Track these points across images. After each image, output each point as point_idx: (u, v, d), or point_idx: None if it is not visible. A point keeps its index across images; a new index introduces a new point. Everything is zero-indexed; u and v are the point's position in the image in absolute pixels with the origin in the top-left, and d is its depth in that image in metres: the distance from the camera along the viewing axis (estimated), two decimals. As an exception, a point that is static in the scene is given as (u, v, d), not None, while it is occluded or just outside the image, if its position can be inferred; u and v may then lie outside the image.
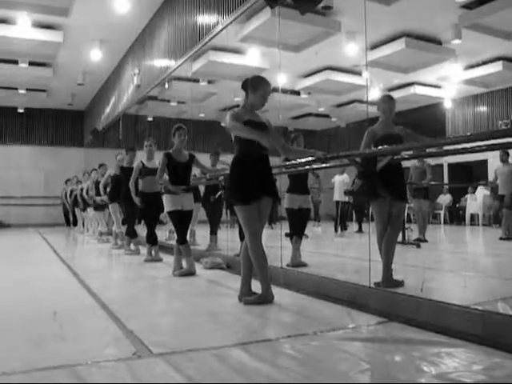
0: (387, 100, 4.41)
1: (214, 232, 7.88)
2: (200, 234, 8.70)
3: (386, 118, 4.38)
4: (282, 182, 6.03)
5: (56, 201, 17.19)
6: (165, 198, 5.77)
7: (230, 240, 7.22)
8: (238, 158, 3.98)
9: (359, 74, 11.32)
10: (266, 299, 3.96)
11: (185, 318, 3.69)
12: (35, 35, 10.34)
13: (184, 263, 5.74)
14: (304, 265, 5.69)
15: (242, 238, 6.54)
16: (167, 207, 5.72)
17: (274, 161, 4.27)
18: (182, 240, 5.72)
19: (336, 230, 11.34)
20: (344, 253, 8.27)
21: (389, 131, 4.29)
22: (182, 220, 5.72)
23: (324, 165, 5.06)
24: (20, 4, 9.08)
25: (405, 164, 8.23)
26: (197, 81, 11.35)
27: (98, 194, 10.30)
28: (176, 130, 5.75)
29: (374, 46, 9.93)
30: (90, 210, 11.38)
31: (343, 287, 4.21)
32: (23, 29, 10.05)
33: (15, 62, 12.31)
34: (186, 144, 5.83)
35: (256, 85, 4.00)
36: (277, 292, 4.11)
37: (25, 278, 5.74)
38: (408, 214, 10.39)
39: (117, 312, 3.69)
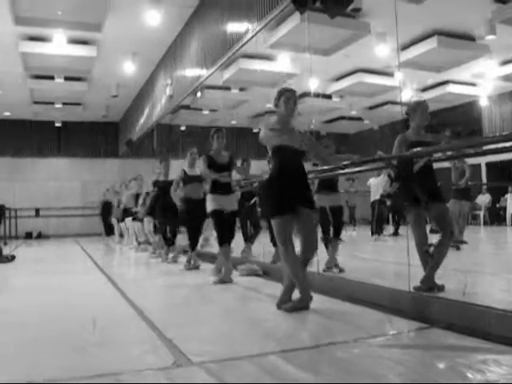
0: (421, 106, 4.34)
1: (248, 239, 7.88)
2: (235, 242, 8.70)
3: (418, 124, 4.31)
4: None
5: (94, 211, 17.49)
6: (208, 198, 5.79)
7: (265, 246, 7.20)
8: (274, 171, 4.02)
9: (391, 75, 11.19)
10: (303, 304, 3.94)
11: (223, 325, 3.70)
12: (70, 51, 10.61)
13: (222, 269, 5.75)
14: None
15: (275, 243, 6.54)
16: (209, 207, 5.73)
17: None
18: (221, 241, 5.67)
19: (373, 234, 11.19)
20: (381, 257, 8.17)
21: (420, 138, 4.23)
22: (224, 221, 5.69)
23: (358, 168, 5.01)
24: (55, 22, 9.30)
25: (445, 164, 8.14)
26: (228, 88, 11.42)
27: (136, 206, 10.44)
28: (215, 132, 5.81)
29: (406, 46, 9.80)
30: (128, 220, 11.52)
31: (382, 292, 4.15)
32: (59, 45, 10.34)
33: (52, 78, 12.63)
34: (225, 146, 5.85)
35: (277, 95, 4.12)
36: (314, 298, 4.07)
37: (65, 287, 5.86)
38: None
39: (155, 320, 3.72)
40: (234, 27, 7.63)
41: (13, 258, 9.33)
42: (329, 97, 13.33)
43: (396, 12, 4.73)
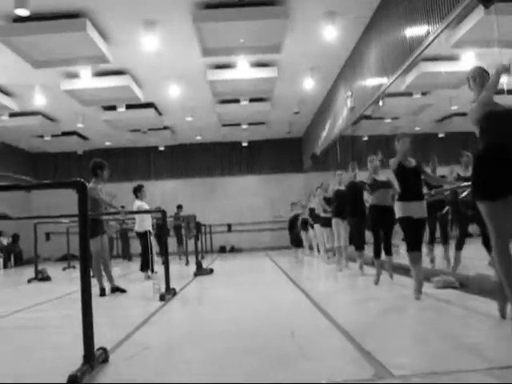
0: None
1: (446, 249, 7.54)
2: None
3: None
4: None
5: (282, 225, 18.14)
6: (396, 205, 5.65)
7: (462, 257, 6.82)
8: (482, 151, 3.72)
9: None
10: None
11: (421, 339, 3.59)
12: (253, 74, 11.28)
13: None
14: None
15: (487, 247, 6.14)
16: (398, 213, 5.57)
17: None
18: (410, 246, 5.45)
19: None
20: None
21: None
22: (412, 227, 5.48)
23: None
24: (238, 49, 9.93)
25: None
26: (410, 94, 11.10)
27: (325, 210, 10.53)
28: (400, 137, 5.61)
29: None
30: (317, 227, 11.64)
31: None
32: (242, 70, 11.07)
33: (237, 101, 13.51)
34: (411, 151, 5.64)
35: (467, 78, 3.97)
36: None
37: (261, 299, 6.16)
38: None
39: (352, 333, 3.73)
40: (413, 31, 7.43)
41: (211, 271, 10.06)
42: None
43: None
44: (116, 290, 7.23)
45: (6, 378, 2.98)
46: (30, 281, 10.02)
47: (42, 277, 10.20)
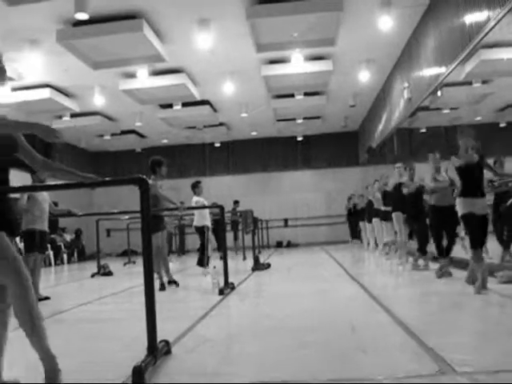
0: None
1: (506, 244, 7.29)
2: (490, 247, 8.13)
3: None
4: None
5: (338, 219, 18.05)
6: (458, 202, 5.55)
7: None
8: None
9: None
10: None
11: (486, 335, 3.50)
12: (308, 68, 11.19)
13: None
14: None
15: None
16: (460, 210, 5.48)
17: None
18: (473, 244, 5.35)
19: None
20: None
21: None
22: (475, 224, 5.37)
23: None
24: (292, 43, 9.90)
25: None
26: (469, 83, 10.78)
27: (384, 204, 10.40)
28: (460, 133, 5.51)
29: None
30: (376, 221, 11.52)
31: None
32: (297, 64, 11.00)
33: (292, 96, 13.46)
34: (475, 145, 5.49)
35: None
36: None
37: (320, 293, 6.12)
38: None
39: (413, 328, 3.68)
40: (472, 18, 7.19)
41: (268, 265, 10.10)
42: None
43: None
44: (172, 282, 7.41)
45: (71, 368, 3.09)
46: (93, 275, 10.36)
47: (104, 271, 10.53)
